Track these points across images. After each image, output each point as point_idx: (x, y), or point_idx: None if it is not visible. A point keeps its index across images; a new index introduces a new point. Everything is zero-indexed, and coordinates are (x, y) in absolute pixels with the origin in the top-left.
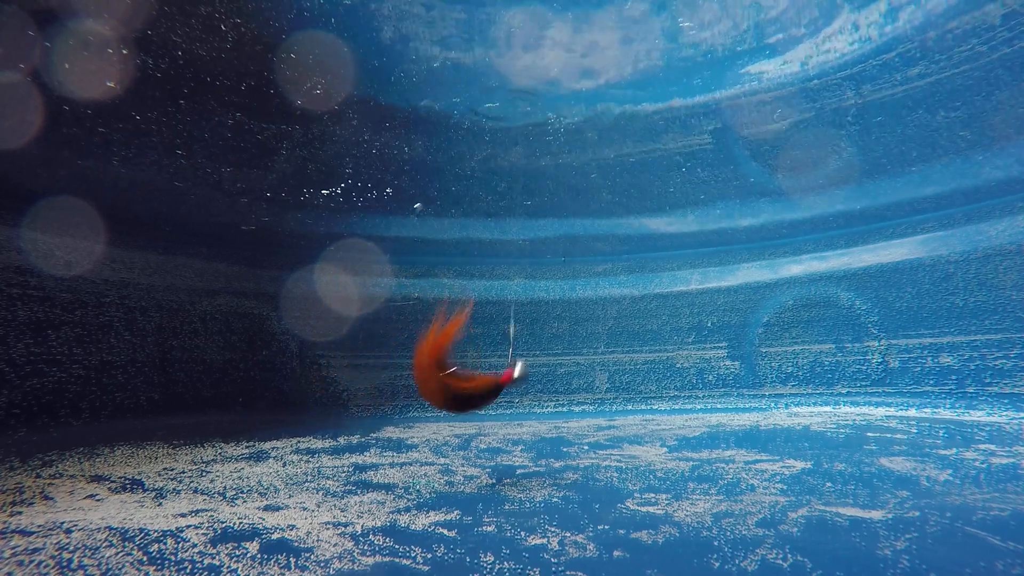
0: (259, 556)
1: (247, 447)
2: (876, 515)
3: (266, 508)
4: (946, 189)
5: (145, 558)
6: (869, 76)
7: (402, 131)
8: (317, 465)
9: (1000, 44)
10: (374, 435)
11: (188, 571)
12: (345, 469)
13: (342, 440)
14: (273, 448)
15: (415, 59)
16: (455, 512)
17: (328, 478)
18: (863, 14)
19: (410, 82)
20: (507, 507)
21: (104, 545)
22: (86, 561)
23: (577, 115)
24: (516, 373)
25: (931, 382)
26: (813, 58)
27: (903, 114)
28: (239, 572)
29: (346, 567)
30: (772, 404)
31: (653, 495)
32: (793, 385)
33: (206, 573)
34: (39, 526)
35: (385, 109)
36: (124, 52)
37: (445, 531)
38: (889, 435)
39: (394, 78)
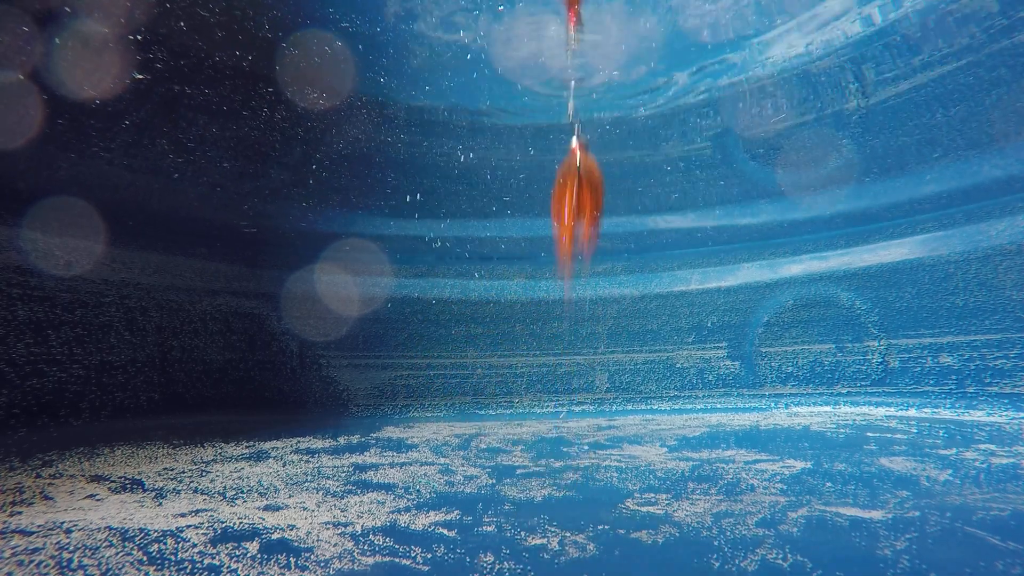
0: (259, 556)
1: (247, 447)
2: (876, 515)
3: (266, 508)
4: (946, 189)
5: (145, 558)
6: (872, 56)
7: (403, 128)
8: (317, 465)
9: (999, 34)
10: (374, 435)
11: (188, 571)
12: (345, 469)
13: (342, 440)
14: (273, 448)
15: (417, 54)
16: (455, 512)
17: (328, 478)
18: (868, 6)
19: (412, 79)
20: (507, 507)
21: (104, 545)
22: (86, 561)
23: (577, 111)
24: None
25: (931, 382)
26: (817, 37)
27: (904, 111)
28: (239, 572)
29: (346, 567)
30: (772, 404)
31: (653, 495)
32: (793, 385)
33: (206, 573)
34: (39, 526)
35: (386, 107)
36: (124, 51)
37: (445, 531)
38: (889, 435)
39: (396, 76)
